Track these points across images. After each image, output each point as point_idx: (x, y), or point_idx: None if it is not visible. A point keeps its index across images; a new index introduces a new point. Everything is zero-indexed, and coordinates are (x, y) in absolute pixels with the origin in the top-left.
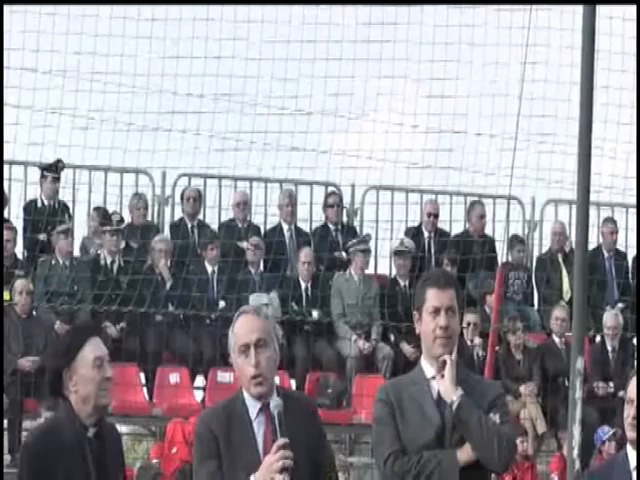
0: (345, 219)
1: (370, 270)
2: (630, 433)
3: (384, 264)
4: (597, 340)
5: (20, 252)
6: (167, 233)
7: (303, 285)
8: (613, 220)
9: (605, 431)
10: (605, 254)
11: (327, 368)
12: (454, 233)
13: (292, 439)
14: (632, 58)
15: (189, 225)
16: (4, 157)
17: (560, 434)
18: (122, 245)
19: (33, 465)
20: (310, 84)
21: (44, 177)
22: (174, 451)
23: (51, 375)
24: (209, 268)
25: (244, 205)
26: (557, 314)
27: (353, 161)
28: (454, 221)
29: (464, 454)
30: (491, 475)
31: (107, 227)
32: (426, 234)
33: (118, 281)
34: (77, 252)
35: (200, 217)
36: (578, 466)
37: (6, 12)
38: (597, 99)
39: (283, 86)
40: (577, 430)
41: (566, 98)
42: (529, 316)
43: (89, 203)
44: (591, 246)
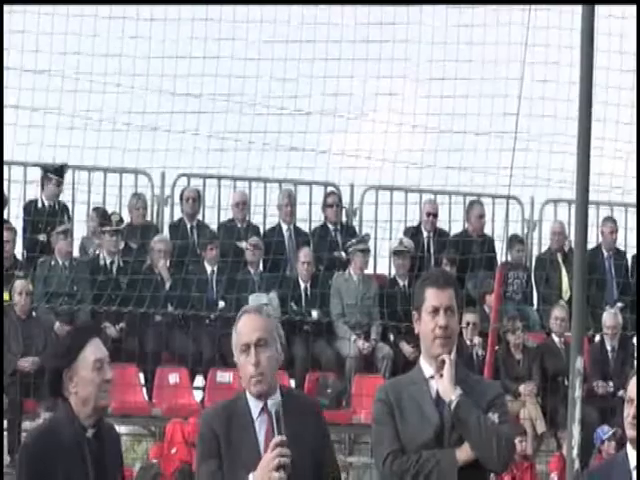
0: (344, 219)
1: (369, 270)
2: (630, 432)
3: (383, 264)
4: (596, 340)
5: (20, 253)
6: (166, 233)
7: (302, 285)
8: (613, 220)
9: (605, 430)
10: (605, 253)
11: (326, 368)
12: (453, 233)
13: (296, 438)
14: (631, 57)
15: (188, 225)
16: (4, 158)
17: (559, 434)
18: (121, 245)
19: (32, 465)
20: (309, 84)
21: (48, 179)
22: (174, 451)
23: (51, 376)
24: (208, 268)
25: (243, 205)
26: (556, 314)
27: (352, 161)
28: (453, 221)
29: (463, 453)
30: (490, 475)
31: (106, 227)
32: (425, 234)
33: (117, 281)
34: (76, 252)
35: (199, 217)
36: (578, 466)
37: (5, 12)
38: (596, 98)
39: (282, 86)
40: (576, 430)
41: (565, 98)
42: (528, 316)
43: (88, 203)
44: (590, 246)
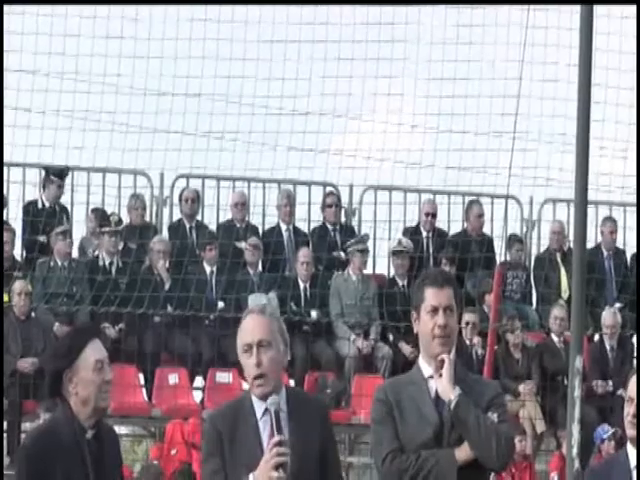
0: (343, 219)
1: (368, 270)
2: (630, 431)
3: (382, 264)
4: (596, 339)
5: (19, 254)
6: (165, 234)
7: (302, 285)
8: (613, 219)
9: (604, 430)
10: (604, 253)
11: (326, 368)
12: (452, 232)
13: (303, 439)
14: (630, 57)
15: (187, 226)
16: (3, 159)
17: (559, 433)
18: (120, 246)
19: (31, 466)
20: (308, 84)
21: (50, 181)
22: (174, 452)
23: (51, 376)
24: (208, 269)
25: (242, 205)
26: (556, 313)
27: (351, 161)
28: (452, 221)
29: (462, 453)
30: (489, 474)
31: (105, 228)
32: (424, 234)
33: (117, 282)
34: (76, 253)
35: (198, 218)
36: (577, 465)
37: (4, 14)
38: (595, 98)
39: (281, 86)
40: (576, 429)
41: (564, 97)
42: (528, 315)
43: (87, 204)
44: (590, 245)
